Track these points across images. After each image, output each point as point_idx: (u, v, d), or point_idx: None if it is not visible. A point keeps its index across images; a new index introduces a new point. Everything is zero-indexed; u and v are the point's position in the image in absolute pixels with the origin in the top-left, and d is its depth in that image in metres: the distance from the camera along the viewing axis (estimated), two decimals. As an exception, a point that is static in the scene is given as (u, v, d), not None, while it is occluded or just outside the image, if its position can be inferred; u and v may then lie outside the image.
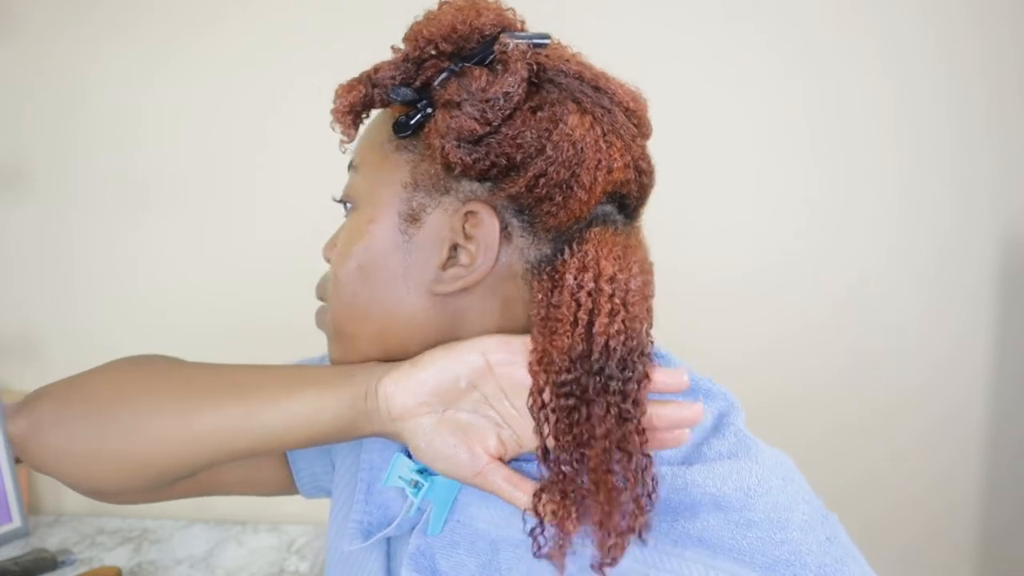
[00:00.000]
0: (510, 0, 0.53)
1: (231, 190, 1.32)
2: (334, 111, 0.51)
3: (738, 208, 1.27)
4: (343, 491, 0.64)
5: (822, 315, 1.28)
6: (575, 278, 0.47)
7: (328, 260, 0.56)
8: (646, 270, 0.50)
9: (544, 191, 0.48)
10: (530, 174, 0.48)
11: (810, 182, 1.27)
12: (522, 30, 0.52)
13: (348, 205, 0.55)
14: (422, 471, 0.54)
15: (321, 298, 0.57)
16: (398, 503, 0.57)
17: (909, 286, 1.27)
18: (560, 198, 0.48)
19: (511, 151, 0.48)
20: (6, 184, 1.34)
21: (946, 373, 1.28)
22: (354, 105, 0.51)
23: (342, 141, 0.53)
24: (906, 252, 1.26)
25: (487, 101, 0.47)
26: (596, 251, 0.48)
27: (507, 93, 0.47)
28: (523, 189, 0.48)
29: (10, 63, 1.32)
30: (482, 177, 0.49)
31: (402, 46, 0.52)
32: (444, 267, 0.50)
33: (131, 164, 1.33)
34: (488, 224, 0.49)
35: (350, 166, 0.55)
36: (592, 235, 0.49)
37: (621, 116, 0.50)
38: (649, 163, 0.53)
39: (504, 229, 0.49)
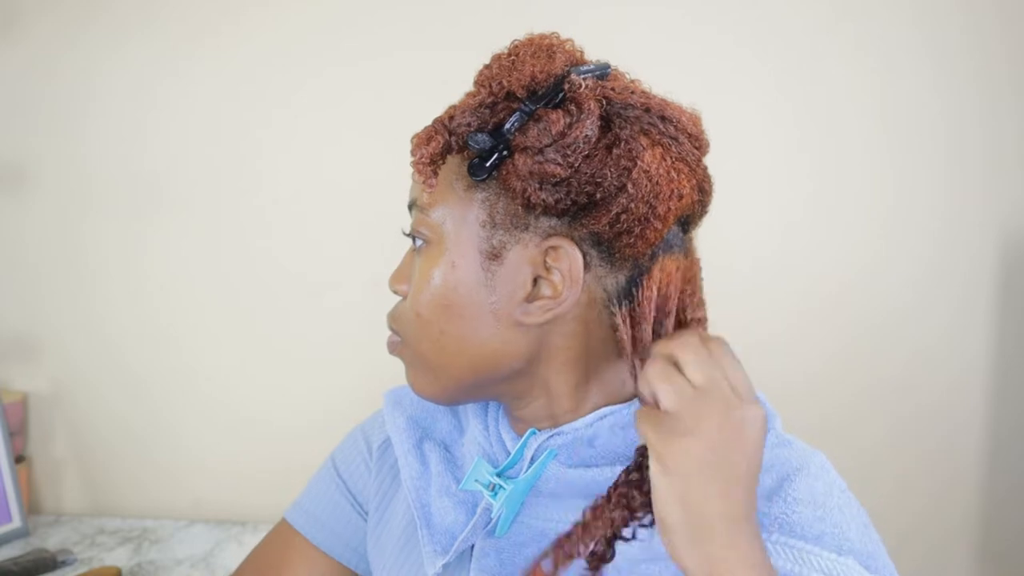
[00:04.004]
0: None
1: (239, 192, 1.32)
2: (415, 163, 0.51)
3: (731, 208, 1.26)
4: (393, 534, 0.65)
5: (817, 309, 1.28)
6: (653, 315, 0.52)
7: (396, 292, 0.58)
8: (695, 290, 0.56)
9: (624, 226, 0.50)
10: (613, 212, 0.50)
11: (802, 177, 1.26)
12: (584, 62, 0.53)
13: (419, 241, 0.55)
14: (500, 474, 0.56)
15: (394, 329, 0.58)
16: (452, 515, 0.59)
17: (904, 277, 1.26)
18: (639, 230, 0.50)
19: (592, 190, 0.50)
20: (10, 185, 1.34)
21: (942, 362, 1.28)
22: (435, 156, 0.51)
23: (423, 190, 0.53)
24: (900, 245, 1.26)
25: (568, 145, 0.49)
26: (662, 284, 0.52)
27: (587, 136, 0.49)
28: (605, 225, 0.50)
29: (20, 65, 1.32)
30: (562, 214, 0.51)
31: (472, 88, 0.53)
32: (530, 299, 0.52)
33: (137, 166, 1.33)
34: (572, 257, 0.51)
35: (413, 205, 0.56)
36: (656, 269, 0.53)
37: (686, 142, 0.52)
38: (710, 182, 0.56)
39: (584, 260, 0.51)
